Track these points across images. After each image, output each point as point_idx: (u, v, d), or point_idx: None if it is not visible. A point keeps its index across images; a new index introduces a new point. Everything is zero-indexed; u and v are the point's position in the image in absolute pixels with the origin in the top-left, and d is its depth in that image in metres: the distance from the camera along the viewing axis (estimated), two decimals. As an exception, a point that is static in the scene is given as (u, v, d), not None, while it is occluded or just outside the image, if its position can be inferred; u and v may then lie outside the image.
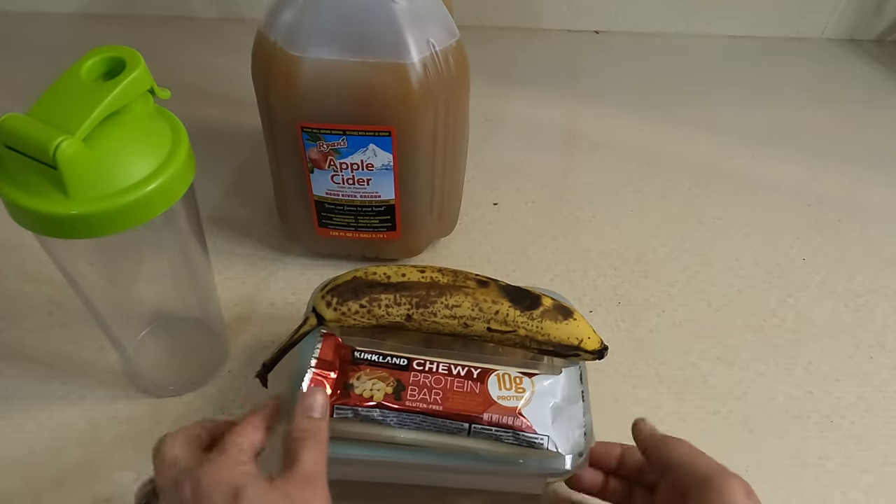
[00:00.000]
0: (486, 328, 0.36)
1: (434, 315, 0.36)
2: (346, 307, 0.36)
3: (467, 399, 0.34)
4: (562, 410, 0.35)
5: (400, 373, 0.35)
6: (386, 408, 0.34)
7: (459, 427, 0.34)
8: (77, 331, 0.46)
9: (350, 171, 0.45)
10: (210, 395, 0.44)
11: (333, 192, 0.46)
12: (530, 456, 0.34)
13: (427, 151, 0.45)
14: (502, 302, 0.36)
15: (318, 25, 0.40)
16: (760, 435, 0.44)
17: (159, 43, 0.76)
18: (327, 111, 0.42)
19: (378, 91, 0.41)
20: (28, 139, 0.28)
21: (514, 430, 0.33)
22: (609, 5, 0.84)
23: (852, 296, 0.53)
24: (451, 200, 0.53)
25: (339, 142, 0.43)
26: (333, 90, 0.41)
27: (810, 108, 0.76)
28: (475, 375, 0.35)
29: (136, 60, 0.31)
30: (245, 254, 0.53)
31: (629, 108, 0.72)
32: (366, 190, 0.46)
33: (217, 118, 0.67)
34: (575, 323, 0.38)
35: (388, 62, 0.40)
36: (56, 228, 0.30)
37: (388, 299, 0.36)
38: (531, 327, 0.37)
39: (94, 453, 0.40)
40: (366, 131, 0.42)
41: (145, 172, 0.31)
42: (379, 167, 0.44)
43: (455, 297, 0.36)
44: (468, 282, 0.37)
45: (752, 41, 0.87)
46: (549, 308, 0.37)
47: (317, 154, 0.44)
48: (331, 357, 0.35)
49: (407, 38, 0.40)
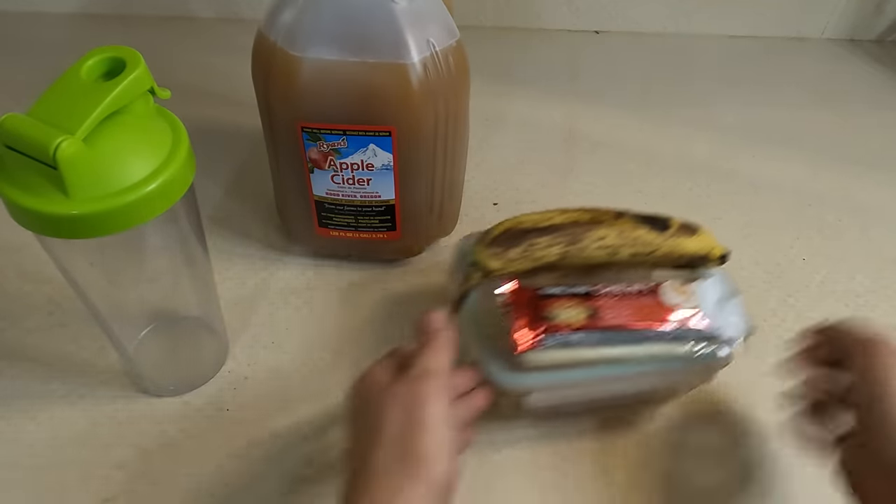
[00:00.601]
0: (630, 253, 0.40)
1: (584, 250, 0.39)
2: (509, 254, 0.39)
3: (649, 309, 0.39)
4: (725, 305, 0.41)
5: (585, 299, 0.39)
6: (588, 328, 0.38)
7: (648, 335, 0.38)
8: (77, 331, 0.46)
9: (350, 172, 0.45)
10: (210, 395, 0.44)
11: (333, 192, 0.46)
12: (708, 347, 0.39)
13: (427, 151, 0.45)
14: (640, 228, 0.40)
15: (318, 25, 0.40)
16: (760, 435, 0.44)
17: (159, 43, 0.76)
18: (327, 111, 0.42)
19: (378, 91, 0.41)
20: (28, 139, 0.28)
21: (693, 328, 0.39)
22: (609, 5, 0.84)
23: (852, 296, 0.53)
24: (451, 200, 0.53)
25: (339, 142, 0.43)
26: (333, 90, 0.41)
27: (811, 108, 0.76)
28: (646, 291, 0.40)
29: (136, 60, 0.31)
30: (245, 254, 0.53)
31: (629, 108, 0.72)
32: (366, 190, 0.46)
33: (217, 118, 0.67)
34: (703, 236, 0.42)
35: (389, 62, 0.40)
36: (56, 228, 0.30)
37: (544, 242, 0.39)
38: (668, 246, 0.41)
39: (95, 453, 0.40)
40: (366, 131, 0.42)
41: (145, 172, 0.31)
42: (379, 167, 0.44)
43: (601, 231, 0.39)
44: (606, 216, 0.41)
45: (752, 41, 0.87)
46: (679, 227, 0.42)
47: (317, 154, 0.44)
48: (519, 300, 0.39)
49: (407, 38, 0.40)
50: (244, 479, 0.40)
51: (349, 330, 0.49)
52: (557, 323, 0.38)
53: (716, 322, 0.39)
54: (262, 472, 0.40)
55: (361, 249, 0.52)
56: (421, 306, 0.50)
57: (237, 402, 0.44)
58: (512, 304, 0.39)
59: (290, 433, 0.42)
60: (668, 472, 0.41)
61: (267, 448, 0.41)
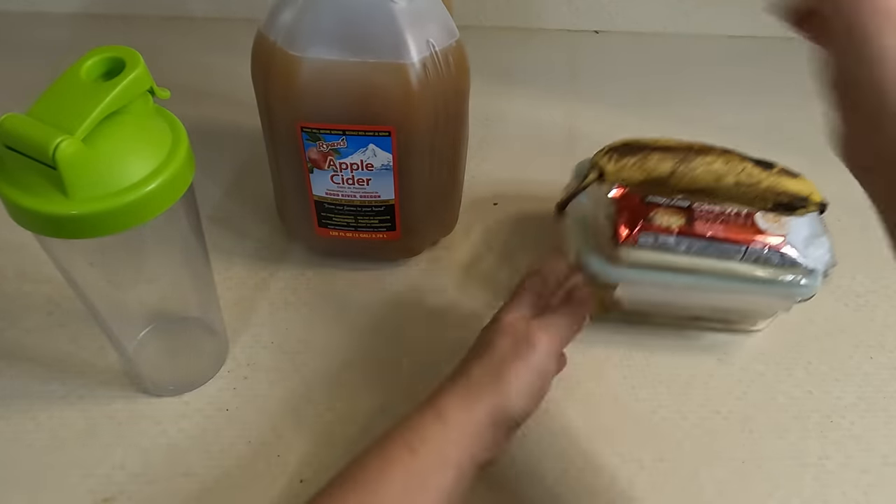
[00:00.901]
0: (735, 182, 0.43)
1: (693, 170, 0.42)
2: (624, 161, 0.42)
3: (742, 228, 0.44)
4: (812, 240, 0.45)
5: (686, 210, 0.44)
6: (683, 234, 0.43)
7: (737, 250, 0.43)
8: (77, 331, 0.46)
9: (350, 172, 0.45)
10: (210, 395, 0.44)
11: (333, 192, 0.46)
12: (790, 275, 0.43)
13: (427, 151, 0.45)
14: (746, 162, 0.44)
15: (318, 25, 0.40)
16: (760, 435, 0.44)
17: (159, 43, 0.76)
18: (327, 111, 0.42)
19: (378, 91, 0.41)
20: (27, 139, 0.28)
21: (780, 252, 0.43)
22: (609, 5, 0.84)
23: (852, 296, 0.53)
24: (451, 200, 0.53)
25: (338, 142, 0.43)
26: (333, 90, 0.41)
27: (810, 108, 0.75)
28: (743, 214, 0.45)
29: (135, 60, 0.31)
30: (245, 254, 0.53)
31: (629, 108, 0.72)
32: (365, 190, 0.46)
33: (217, 118, 0.67)
34: (804, 180, 0.45)
35: (388, 62, 0.40)
36: (56, 228, 0.30)
37: (657, 156, 0.43)
38: (771, 181, 0.44)
39: (94, 453, 0.40)
40: (365, 131, 0.42)
41: (145, 172, 0.31)
42: (379, 167, 0.44)
43: (709, 157, 0.43)
44: (715, 147, 0.44)
45: (752, 41, 0.87)
46: (781, 168, 0.45)
47: (316, 154, 0.44)
48: (626, 204, 0.44)
49: (406, 38, 0.40)
50: (244, 480, 0.40)
51: (349, 330, 0.49)
52: (656, 225, 0.43)
53: (803, 253, 0.44)
54: (262, 472, 0.40)
55: (361, 249, 0.52)
56: (421, 307, 0.51)
57: (237, 402, 0.44)
58: (618, 206, 0.44)
59: (290, 433, 0.42)
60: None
61: (267, 448, 0.41)
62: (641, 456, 0.42)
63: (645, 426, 0.44)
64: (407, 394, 0.45)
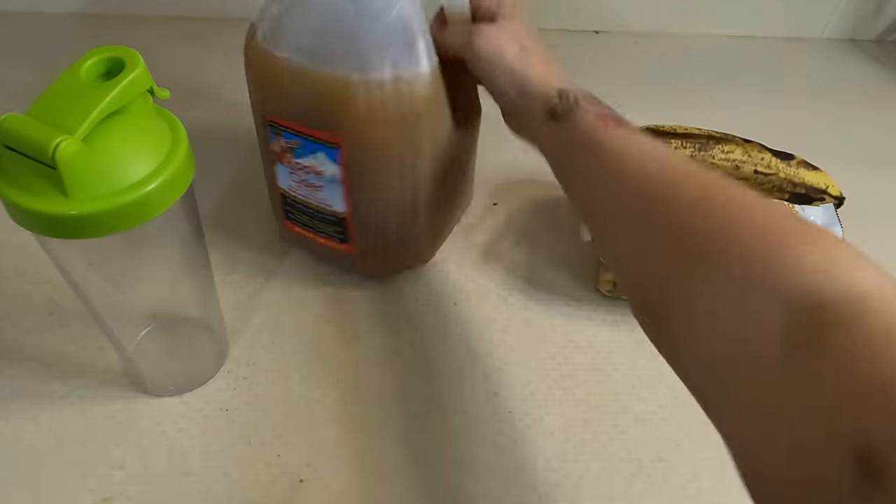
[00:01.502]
0: (754, 171, 0.43)
1: (712, 158, 0.43)
2: None
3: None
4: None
5: None
6: None
7: None
8: (77, 331, 0.46)
9: (304, 173, 0.45)
10: (210, 395, 0.44)
11: (293, 189, 0.47)
12: None
13: (383, 179, 0.44)
14: (766, 152, 0.44)
15: (293, 25, 0.40)
16: (760, 435, 0.44)
17: (159, 43, 0.76)
18: (287, 109, 0.42)
19: (326, 100, 0.40)
20: (27, 139, 0.28)
21: None
22: (609, 5, 0.84)
23: (852, 296, 0.53)
24: (423, 232, 0.50)
25: (294, 142, 0.44)
26: (293, 91, 0.41)
27: (810, 108, 0.76)
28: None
29: (135, 60, 0.31)
30: (245, 254, 0.53)
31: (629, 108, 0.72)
32: (318, 196, 0.46)
33: (217, 118, 0.67)
34: (822, 173, 0.45)
35: (343, 74, 0.39)
36: (55, 228, 0.30)
37: (676, 143, 0.44)
38: (789, 172, 0.44)
39: (94, 453, 0.40)
40: (316, 138, 0.42)
41: (145, 172, 0.31)
42: (328, 177, 0.44)
43: (728, 146, 0.43)
44: (736, 138, 0.45)
45: (752, 41, 0.87)
46: (801, 160, 0.45)
47: (279, 148, 0.45)
48: None
49: (369, 55, 0.39)
50: (244, 480, 0.40)
51: (348, 330, 0.49)
52: None
53: None
54: (262, 472, 0.40)
55: (330, 255, 0.51)
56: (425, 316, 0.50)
57: (237, 402, 0.44)
58: None
59: (290, 433, 0.42)
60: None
61: (267, 448, 0.41)
62: (641, 456, 0.42)
63: (645, 426, 0.44)
64: (406, 391, 0.45)
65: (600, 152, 0.33)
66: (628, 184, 0.31)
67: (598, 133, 0.34)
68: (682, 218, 0.28)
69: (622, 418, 0.44)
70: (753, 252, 0.25)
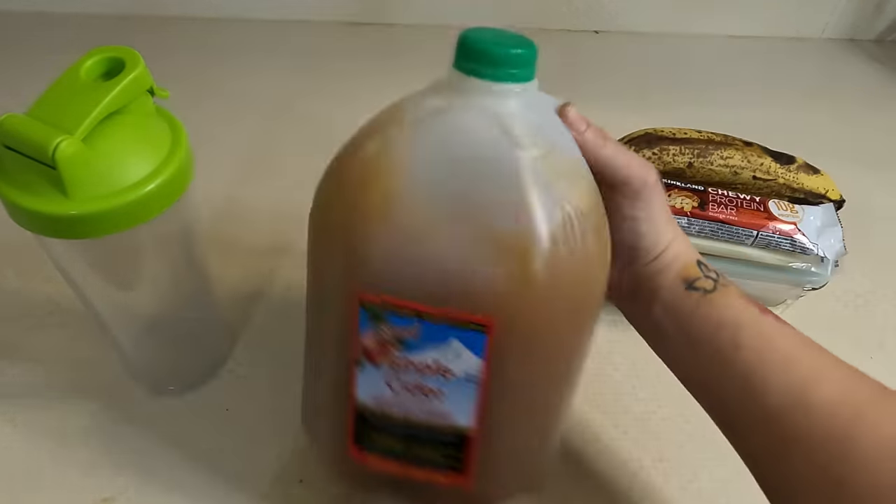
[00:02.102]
0: (752, 176, 0.44)
1: (711, 164, 0.44)
2: (641, 154, 0.43)
3: (754, 214, 0.44)
4: (824, 230, 0.45)
5: (700, 194, 0.44)
6: (695, 216, 0.43)
7: (748, 234, 0.43)
8: (77, 331, 0.46)
9: (416, 375, 0.30)
10: (210, 395, 0.44)
11: (386, 401, 0.31)
12: (801, 262, 0.44)
13: (537, 362, 0.30)
14: (765, 157, 0.44)
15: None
16: (760, 435, 0.44)
17: (159, 43, 0.76)
18: (402, 281, 0.28)
19: (478, 265, 0.27)
20: (27, 139, 0.28)
21: (791, 239, 0.43)
22: (609, 5, 0.84)
23: (852, 296, 0.53)
24: (550, 441, 0.36)
25: (409, 328, 0.29)
26: (416, 253, 0.27)
27: (810, 108, 0.76)
28: (757, 200, 0.45)
29: (135, 60, 0.31)
30: (245, 253, 0.53)
31: (629, 108, 0.72)
32: (433, 406, 0.31)
33: (216, 118, 0.67)
34: (823, 176, 0.46)
35: (501, 228, 0.27)
36: (56, 228, 0.30)
37: (675, 149, 0.44)
38: (788, 177, 0.45)
39: (94, 453, 0.40)
40: (452, 320, 0.28)
41: (145, 172, 0.31)
42: (460, 375, 0.30)
43: (728, 151, 0.44)
44: (736, 141, 0.45)
45: (752, 41, 0.87)
46: (801, 164, 0.46)
47: (373, 342, 0.30)
48: None
49: (531, 199, 0.27)
50: (244, 480, 0.40)
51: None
52: (669, 205, 0.41)
53: (814, 241, 0.44)
54: (262, 472, 0.40)
55: (407, 487, 0.36)
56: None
57: (237, 402, 0.44)
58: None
59: (290, 433, 0.42)
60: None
61: (267, 448, 0.41)
62: (641, 456, 0.42)
63: (645, 426, 0.44)
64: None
65: (760, 333, 0.32)
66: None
67: (752, 314, 0.32)
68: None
69: (622, 418, 0.44)
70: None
